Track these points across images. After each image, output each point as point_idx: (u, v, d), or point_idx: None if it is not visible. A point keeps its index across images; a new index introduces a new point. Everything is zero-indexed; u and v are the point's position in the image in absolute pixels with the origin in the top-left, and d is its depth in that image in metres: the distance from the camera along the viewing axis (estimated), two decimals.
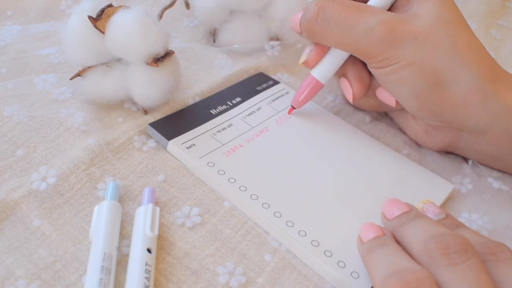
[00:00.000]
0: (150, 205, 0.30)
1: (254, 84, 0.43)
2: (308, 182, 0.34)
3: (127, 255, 0.28)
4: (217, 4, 0.45)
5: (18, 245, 0.28)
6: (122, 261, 0.28)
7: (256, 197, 0.32)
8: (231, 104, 0.40)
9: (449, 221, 0.29)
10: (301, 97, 0.38)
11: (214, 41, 0.48)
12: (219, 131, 0.37)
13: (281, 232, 0.31)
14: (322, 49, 0.36)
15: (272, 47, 0.47)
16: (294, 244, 0.30)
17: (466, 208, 0.35)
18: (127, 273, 0.27)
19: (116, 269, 0.28)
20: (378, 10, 0.33)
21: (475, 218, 0.34)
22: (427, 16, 0.32)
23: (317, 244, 0.30)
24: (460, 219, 0.34)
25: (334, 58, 0.36)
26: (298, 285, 0.29)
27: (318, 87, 0.38)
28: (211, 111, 0.39)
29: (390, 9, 0.35)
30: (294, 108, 0.39)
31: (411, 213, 0.28)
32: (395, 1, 0.35)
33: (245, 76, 0.44)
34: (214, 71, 0.44)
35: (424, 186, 0.35)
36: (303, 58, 0.37)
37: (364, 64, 0.37)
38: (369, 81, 0.38)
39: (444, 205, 0.35)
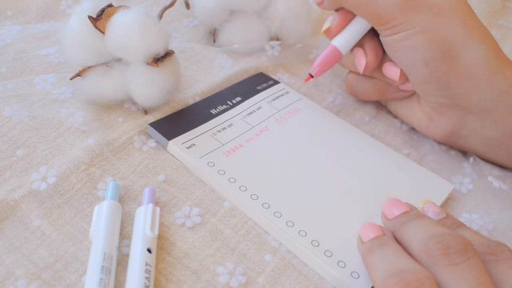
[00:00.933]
0: (150, 205, 0.30)
1: (254, 84, 0.43)
2: (308, 182, 0.34)
3: (127, 255, 0.28)
4: (217, 4, 0.45)
5: (18, 245, 0.28)
6: (122, 261, 0.28)
7: (256, 197, 0.32)
8: (231, 104, 0.40)
9: (449, 221, 0.29)
10: (320, 65, 0.38)
11: (214, 41, 0.48)
12: (219, 131, 0.37)
13: (281, 232, 0.31)
14: (345, 18, 0.38)
15: (272, 47, 0.47)
16: (294, 244, 0.30)
17: (466, 208, 0.35)
18: (127, 273, 0.27)
19: (116, 269, 0.28)
20: None
21: (475, 218, 0.34)
22: None
23: (317, 244, 0.30)
24: (460, 219, 0.34)
25: (355, 29, 0.37)
26: (298, 285, 0.29)
27: (337, 56, 0.38)
28: (211, 111, 0.39)
29: None
30: (312, 76, 0.39)
31: (411, 213, 0.28)
32: None
33: (245, 76, 0.44)
34: (214, 71, 0.44)
35: (424, 186, 0.35)
36: (326, 25, 0.38)
37: (379, 40, 0.38)
38: (382, 55, 0.38)
39: (444, 205, 0.35)
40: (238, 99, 0.41)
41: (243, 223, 0.32)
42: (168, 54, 0.36)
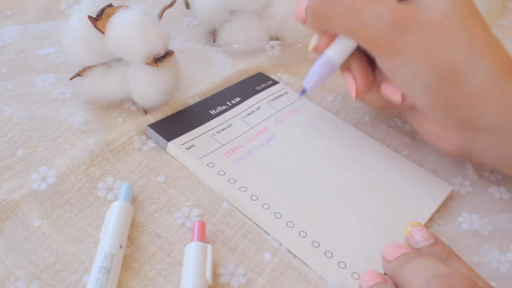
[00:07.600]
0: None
1: (253, 84, 0.43)
2: (308, 183, 0.34)
3: (129, 255, 0.29)
4: (217, 4, 0.45)
5: (19, 246, 0.28)
6: (125, 261, 0.28)
7: (256, 198, 0.32)
8: (230, 105, 0.40)
9: (439, 248, 0.27)
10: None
11: (214, 41, 0.48)
12: (219, 131, 0.37)
13: (281, 233, 0.31)
14: (332, 35, 0.35)
15: (272, 47, 0.46)
16: (295, 245, 0.30)
17: (466, 208, 0.35)
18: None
19: (119, 269, 0.28)
20: None
21: (475, 218, 0.34)
22: (440, 8, 0.30)
23: (317, 245, 0.30)
24: (460, 219, 0.34)
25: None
26: (298, 286, 0.29)
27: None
28: (210, 111, 0.39)
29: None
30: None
31: (413, 253, 0.27)
32: None
33: (245, 76, 0.44)
34: (214, 71, 0.44)
35: (423, 188, 0.35)
36: (312, 44, 0.35)
37: (369, 58, 0.35)
38: (374, 77, 0.36)
39: (443, 206, 0.35)
40: (237, 99, 0.41)
41: (243, 223, 0.32)
42: (168, 54, 0.36)
